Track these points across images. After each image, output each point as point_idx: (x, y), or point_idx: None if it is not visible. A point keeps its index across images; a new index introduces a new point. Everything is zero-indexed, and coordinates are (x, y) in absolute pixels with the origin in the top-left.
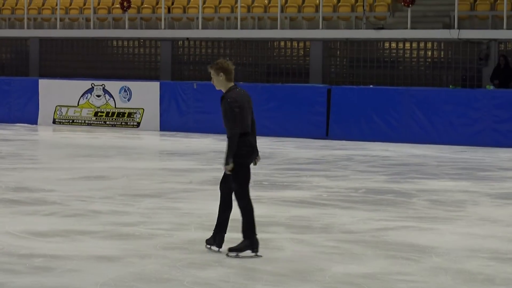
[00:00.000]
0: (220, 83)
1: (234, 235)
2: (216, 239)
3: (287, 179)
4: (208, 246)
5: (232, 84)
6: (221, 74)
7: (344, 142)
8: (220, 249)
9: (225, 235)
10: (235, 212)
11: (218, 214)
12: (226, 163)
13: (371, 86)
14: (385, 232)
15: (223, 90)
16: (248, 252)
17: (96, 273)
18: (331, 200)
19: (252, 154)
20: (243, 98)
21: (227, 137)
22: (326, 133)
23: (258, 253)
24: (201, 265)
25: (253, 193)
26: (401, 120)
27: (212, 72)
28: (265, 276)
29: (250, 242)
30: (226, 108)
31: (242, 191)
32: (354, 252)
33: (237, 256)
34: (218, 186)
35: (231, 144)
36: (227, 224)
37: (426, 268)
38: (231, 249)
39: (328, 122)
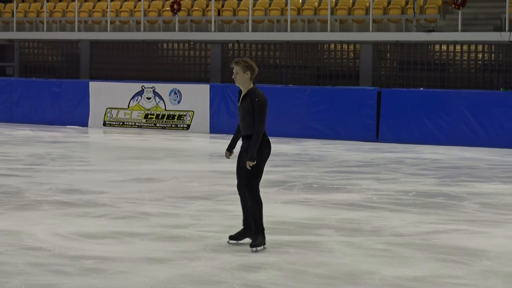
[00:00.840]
0: (244, 81)
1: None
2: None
3: (337, 181)
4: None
5: (253, 84)
6: (248, 72)
7: (394, 144)
8: (265, 246)
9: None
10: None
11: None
12: (252, 159)
13: (421, 88)
14: (435, 235)
15: (244, 88)
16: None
17: (146, 275)
18: (381, 203)
19: (269, 154)
20: None
21: (249, 134)
22: (376, 136)
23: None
24: (251, 268)
25: (302, 196)
26: (452, 123)
27: (238, 68)
28: (315, 279)
29: (263, 233)
30: (258, 106)
31: (256, 185)
32: (404, 255)
33: (261, 249)
34: (258, 188)
35: (257, 141)
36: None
37: (477, 271)
38: (252, 245)
39: (378, 124)
